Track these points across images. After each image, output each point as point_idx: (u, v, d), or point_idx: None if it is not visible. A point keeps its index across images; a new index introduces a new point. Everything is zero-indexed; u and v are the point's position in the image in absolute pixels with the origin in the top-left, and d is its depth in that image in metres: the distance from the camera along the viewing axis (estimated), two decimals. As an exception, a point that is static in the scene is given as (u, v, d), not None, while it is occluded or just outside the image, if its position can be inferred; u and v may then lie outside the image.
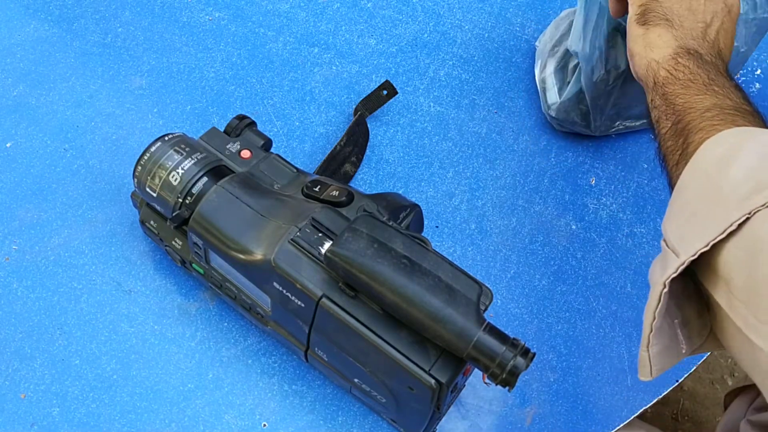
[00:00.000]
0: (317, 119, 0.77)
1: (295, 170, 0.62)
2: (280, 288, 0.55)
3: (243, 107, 0.77)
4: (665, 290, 0.46)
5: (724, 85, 0.54)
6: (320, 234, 0.55)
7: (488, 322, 0.50)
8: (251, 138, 0.64)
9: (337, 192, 0.58)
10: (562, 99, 0.74)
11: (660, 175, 0.76)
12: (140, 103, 0.76)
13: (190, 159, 0.60)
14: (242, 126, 0.64)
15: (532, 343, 0.68)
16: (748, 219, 0.44)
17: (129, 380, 0.63)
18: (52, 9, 0.80)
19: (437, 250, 0.53)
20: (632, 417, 0.66)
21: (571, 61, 0.75)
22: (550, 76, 0.76)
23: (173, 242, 0.63)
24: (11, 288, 0.66)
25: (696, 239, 0.46)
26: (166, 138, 0.61)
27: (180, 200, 0.59)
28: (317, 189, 0.59)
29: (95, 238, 0.69)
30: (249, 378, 0.64)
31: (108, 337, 0.65)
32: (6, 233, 0.69)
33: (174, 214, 0.59)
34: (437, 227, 0.73)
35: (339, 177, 0.71)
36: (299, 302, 0.55)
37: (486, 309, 0.51)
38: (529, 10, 0.85)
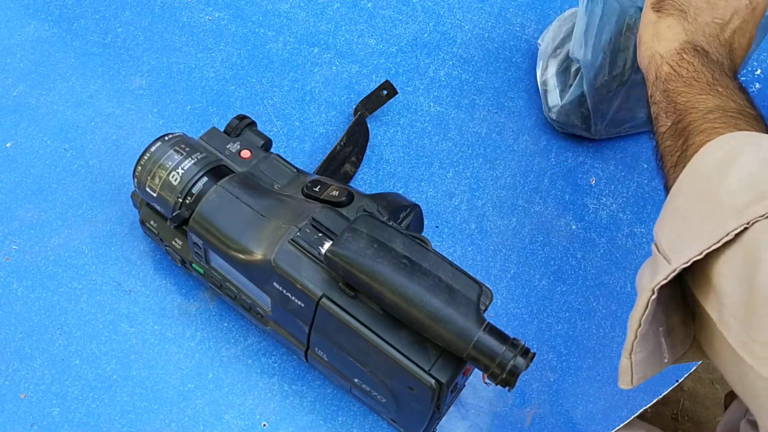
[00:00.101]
0: (317, 119, 0.77)
1: (295, 170, 0.62)
2: (280, 288, 0.55)
3: (243, 107, 0.77)
4: (654, 297, 0.45)
5: (728, 86, 0.53)
6: (320, 234, 0.55)
7: (488, 322, 0.50)
8: (251, 138, 0.64)
9: (337, 192, 0.58)
10: (563, 102, 0.74)
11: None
12: (140, 103, 0.76)
13: (190, 159, 0.60)
14: (242, 126, 0.64)
15: (532, 343, 0.68)
16: (746, 229, 0.42)
17: (129, 380, 0.63)
18: (52, 9, 0.80)
19: (437, 250, 0.53)
20: (632, 417, 0.66)
21: (573, 64, 0.74)
22: (552, 78, 0.76)
23: (173, 242, 0.63)
24: (11, 288, 0.66)
25: (689, 246, 0.44)
26: (166, 138, 0.61)
27: (180, 200, 0.59)
28: (317, 189, 0.59)
29: (95, 238, 0.69)
30: (249, 378, 0.64)
31: (108, 337, 0.65)
32: (6, 233, 0.69)
33: (174, 214, 0.59)
34: (437, 227, 0.73)
35: (339, 177, 0.71)
36: (299, 302, 0.55)
37: (486, 309, 0.51)
38: (529, 10, 0.85)
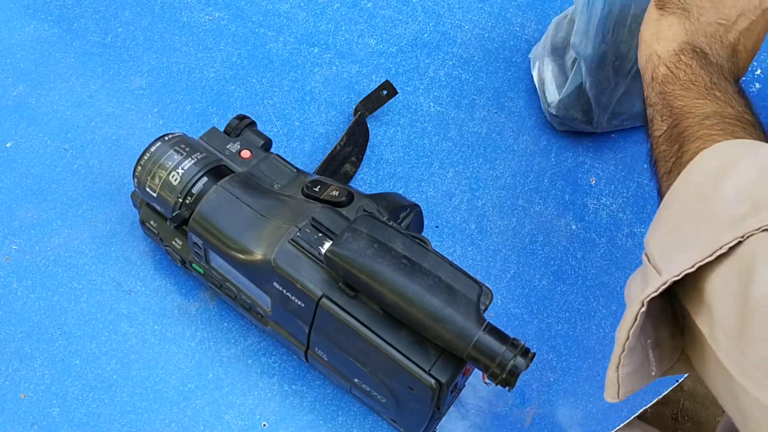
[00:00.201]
0: (317, 119, 0.77)
1: (295, 170, 0.62)
2: (280, 288, 0.55)
3: (243, 107, 0.77)
4: (643, 309, 0.43)
5: (727, 91, 0.51)
6: (320, 234, 0.55)
7: (488, 322, 0.50)
8: (251, 138, 0.64)
9: (337, 192, 0.58)
10: (562, 96, 0.74)
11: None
12: (140, 103, 0.76)
13: (190, 159, 0.60)
14: (242, 126, 0.64)
15: (532, 343, 0.68)
16: (741, 243, 0.40)
17: (129, 380, 0.64)
18: (52, 9, 0.80)
19: (437, 250, 0.53)
20: (632, 417, 0.66)
21: (569, 58, 0.74)
22: (549, 73, 0.76)
23: (173, 242, 0.63)
24: (11, 288, 0.66)
25: (681, 258, 0.42)
26: (166, 138, 0.61)
27: (180, 200, 0.59)
28: (317, 189, 0.59)
29: (95, 238, 0.69)
30: (249, 378, 0.64)
31: (108, 337, 0.65)
32: (6, 233, 0.69)
33: (174, 214, 0.59)
34: (437, 227, 0.73)
35: (339, 177, 0.71)
36: (299, 302, 0.55)
37: (486, 309, 0.51)
38: (529, 10, 0.85)
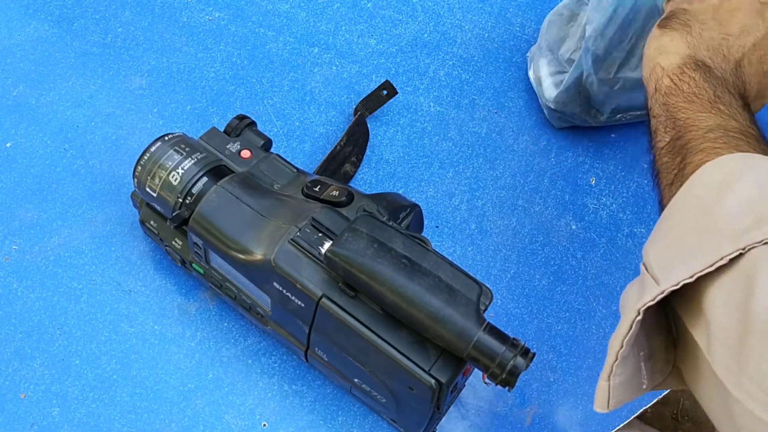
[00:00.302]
0: (317, 119, 0.77)
1: (295, 170, 0.62)
2: (280, 288, 0.55)
3: (243, 107, 0.77)
4: (639, 318, 0.43)
5: (731, 104, 0.51)
6: (320, 234, 0.55)
7: (488, 322, 0.50)
8: (251, 138, 0.64)
9: (337, 192, 0.58)
10: (560, 90, 0.73)
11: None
12: (140, 103, 0.76)
13: (190, 159, 0.60)
14: (242, 126, 0.64)
15: (532, 343, 0.68)
16: (742, 255, 0.40)
17: (129, 380, 0.63)
18: (52, 9, 0.80)
19: (437, 250, 0.53)
20: (632, 417, 0.66)
21: (564, 51, 0.74)
22: (545, 69, 0.76)
23: (173, 242, 0.63)
24: (11, 288, 0.66)
25: (680, 268, 0.42)
26: (166, 138, 0.61)
27: (180, 200, 0.59)
28: (317, 189, 0.59)
29: (95, 238, 0.69)
30: (249, 378, 0.64)
31: (108, 337, 0.65)
32: (6, 233, 0.68)
33: (174, 214, 0.59)
34: (437, 227, 0.73)
35: (339, 177, 0.71)
36: (299, 302, 0.55)
37: (486, 309, 0.51)
38: (529, 10, 0.85)
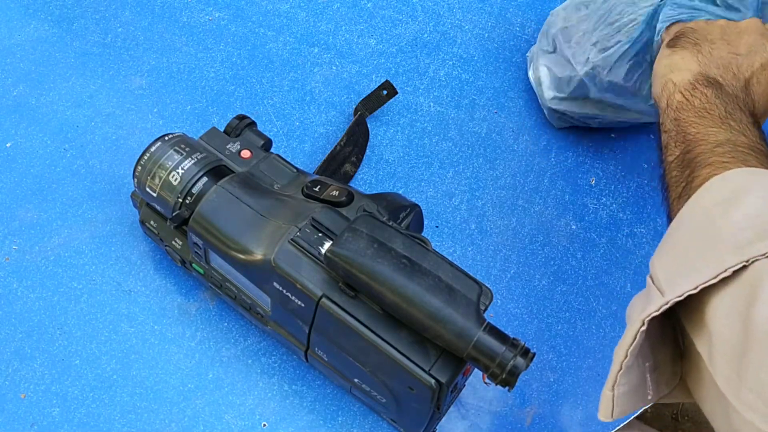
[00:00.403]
0: (317, 119, 0.77)
1: (295, 170, 0.62)
2: (280, 288, 0.55)
3: (243, 107, 0.77)
4: (643, 328, 0.43)
5: (741, 121, 0.52)
6: (320, 234, 0.55)
7: (488, 322, 0.50)
8: (251, 138, 0.64)
9: (337, 192, 0.58)
10: (565, 94, 0.73)
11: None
12: (140, 103, 0.76)
13: (190, 159, 0.60)
14: (242, 126, 0.64)
15: (532, 343, 0.68)
16: (746, 267, 0.40)
17: (129, 380, 0.63)
18: (52, 9, 0.80)
19: (437, 250, 0.53)
20: (632, 417, 0.66)
21: (565, 50, 0.74)
22: (545, 69, 0.76)
23: (173, 242, 0.63)
24: (11, 288, 0.66)
25: (685, 280, 0.42)
26: (166, 138, 0.61)
27: (180, 200, 0.59)
28: (317, 189, 0.59)
29: (95, 238, 0.69)
30: (249, 378, 0.64)
31: (108, 337, 0.65)
32: (6, 233, 0.68)
33: (174, 214, 0.59)
34: (437, 227, 0.73)
35: (339, 177, 0.71)
36: (299, 302, 0.55)
37: (486, 309, 0.51)
38: (529, 10, 0.85)
